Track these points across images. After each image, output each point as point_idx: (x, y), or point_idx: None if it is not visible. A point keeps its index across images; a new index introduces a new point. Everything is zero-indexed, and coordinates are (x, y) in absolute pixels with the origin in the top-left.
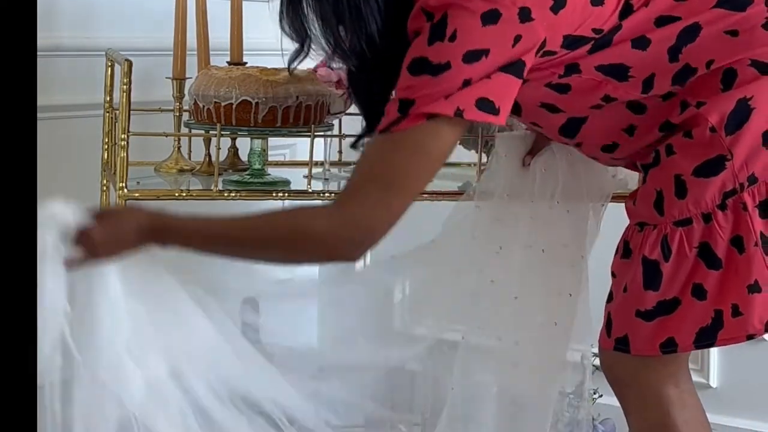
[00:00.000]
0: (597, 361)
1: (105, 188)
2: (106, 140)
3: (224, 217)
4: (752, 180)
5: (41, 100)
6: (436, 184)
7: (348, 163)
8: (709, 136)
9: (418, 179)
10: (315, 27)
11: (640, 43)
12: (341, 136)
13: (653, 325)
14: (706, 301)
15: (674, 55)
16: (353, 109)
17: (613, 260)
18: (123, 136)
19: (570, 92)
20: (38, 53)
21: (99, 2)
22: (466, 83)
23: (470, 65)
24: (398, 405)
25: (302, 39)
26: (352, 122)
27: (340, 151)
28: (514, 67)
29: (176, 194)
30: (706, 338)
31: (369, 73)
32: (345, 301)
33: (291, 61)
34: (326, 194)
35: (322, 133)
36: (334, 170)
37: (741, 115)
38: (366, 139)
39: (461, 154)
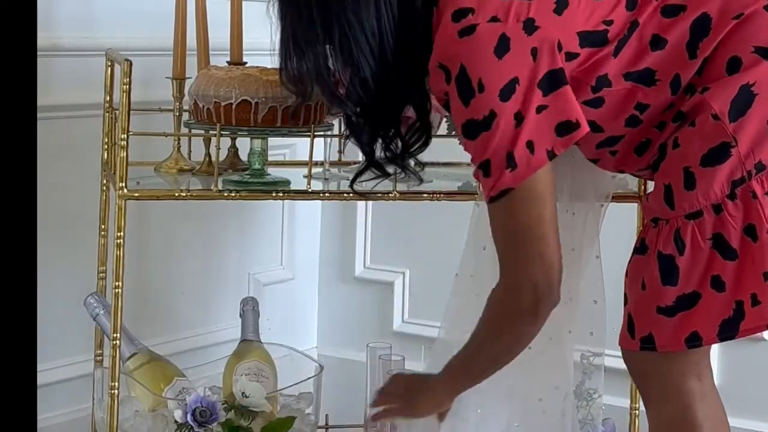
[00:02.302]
0: (597, 361)
1: (105, 188)
2: (106, 140)
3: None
4: (760, 167)
5: (41, 100)
6: (436, 185)
7: (348, 163)
8: (712, 123)
9: (547, 219)
10: (312, 77)
11: (658, 43)
12: (341, 136)
13: (676, 321)
14: (726, 293)
15: (693, 51)
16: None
17: (630, 259)
18: (123, 136)
19: (605, 106)
20: (38, 53)
21: (99, 2)
22: (518, 117)
23: (510, 100)
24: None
25: (303, 92)
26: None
27: (340, 151)
28: (554, 79)
29: (176, 194)
30: (729, 330)
31: (369, 116)
32: (345, 301)
33: (293, 112)
34: (326, 194)
35: (322, 133)
36: (334, 170)
37: (744, 100)
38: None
39: (461, 154)
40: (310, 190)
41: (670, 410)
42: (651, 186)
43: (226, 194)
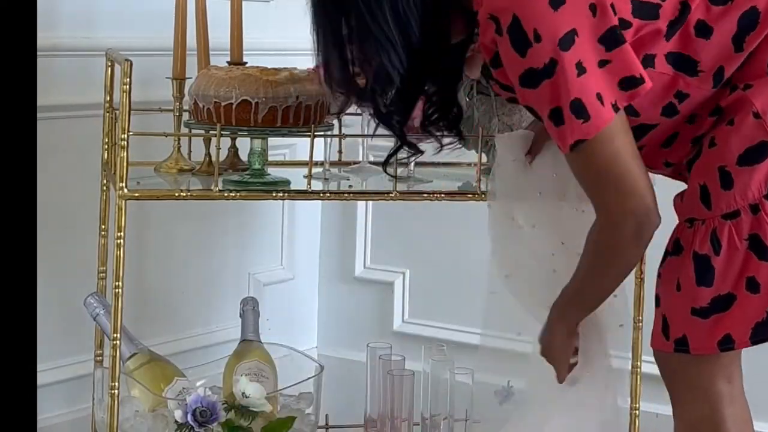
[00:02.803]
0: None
1: (105, 188)
2: (106, 140)
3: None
4: None
5: (41, 100)
6: (436, 185)
7: (348, 163)
8: (753, 122)
9: (628, 155)
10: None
11: (703, 31)
12: (341, 136)
13: (710, 323)
14: (760, 295)
15: (739, 44)
16: (353, 108)
17: (662, 261)
18: (123, 136)
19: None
20: (38, 53)
21: (99, 2)
22: (580, 67)
23: (570, 50)
24: (398, 405)
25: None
26: (352, 122)
27: (340, 151)
28: (615, 36)
29: (176, 194)
30: (762, 333)
31: (399, 100)
32: (345, 301)
33: (339, 112)
34: (326, 194)
35: (322, 133)
36: (334, 170)
37: None
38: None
39: (461, 154)
40: (310, 190)
41: (698, 411)
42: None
43: (226, 194)
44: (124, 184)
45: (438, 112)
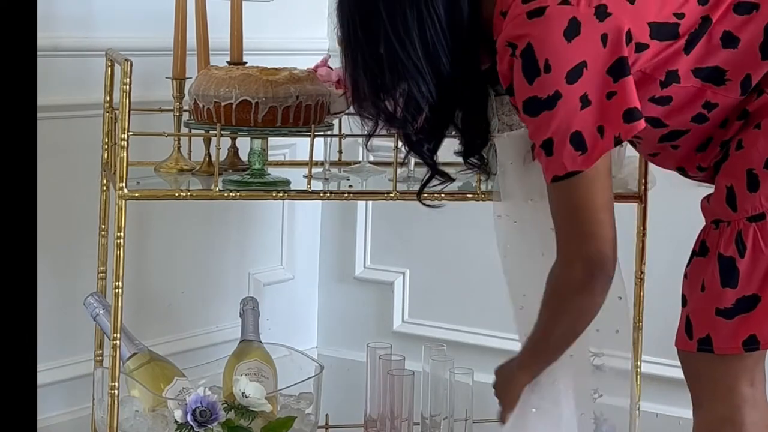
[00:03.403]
0: (597, 361)
1: (105, 188)
2: (106, 140)
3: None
4: None
5: (41, 100)
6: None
7: (348, 163)
8: None
9: (604, 200)
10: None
11: (730, 41)
12: (341, 136)
13: (734, 323)
14: None
15: (765, 52)
16: (353, 109)
17: (689, 261)
18: (123, 136)
19: (672, 104)
20: (38, 53)
21: (99, 2)
22: (584, 100)
23: (577, 83)
24: (398, 405)
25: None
26: (352, 122)
27: (340, 151)
28: (621, 67)
29: (176, 194)
30: None
31: (430, 128)
32: (345, 301)
33: (369, 136)
34: (326, 194)
35: (322, 133)
36: (334, 170)
37: None
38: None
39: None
40: (310, 190)
41: (720, 412)
42: (652, 187)
43: (226, 194)
44: (124, 184)
45: (466, 137)
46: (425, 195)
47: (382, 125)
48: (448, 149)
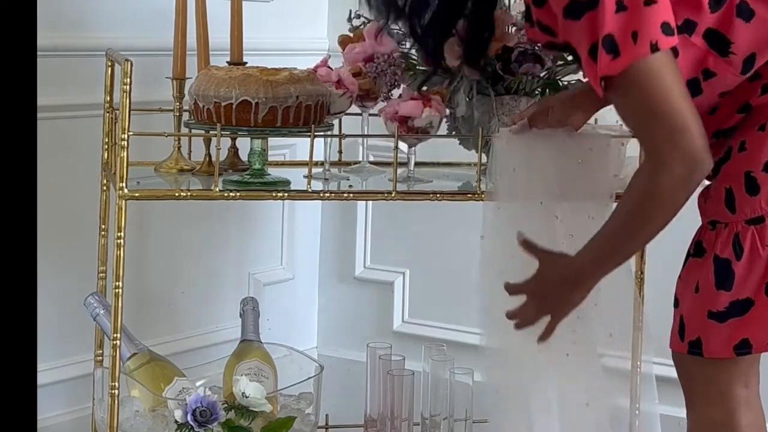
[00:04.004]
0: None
1: (105, 188)
2: (106, 140)
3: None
4: None
5: (41, 100)
6: (436, 185)
7: (348, 163)
8: None
9: (673, 93)
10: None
11: (744, 11)
12: (341, 136)
13: (726, 327)
14: None
15: None
16: (353, 109)
17: (685, 262)
18: (123, 136)
19: (677, 59)
20: (38, 53)
21: (99, 2)
22: (620, 4)
23: None
24: (398, 405)
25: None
26: (352, 122)
27: (340, 151)
28: None
29: (176, 194)
30: None
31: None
32: (345, 301)
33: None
34: (326, 194)
35: (322, 133)
36: (334, 170)
37: None
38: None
39: (461, 154)
40: (310, 190)
41: (714, 414)
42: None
43: (226, 194)
44: (124, 184)
45: (471, 35)
46: (426, 195)
47: (392, 19)
48: (448, 149)
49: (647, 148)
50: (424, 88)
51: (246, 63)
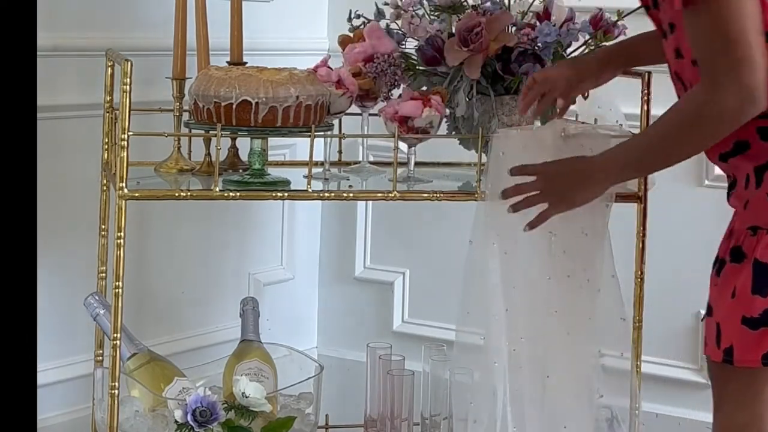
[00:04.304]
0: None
1: (105, 188)
2: (106, 140)
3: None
4: None
5: (41, 100)
6: (436, 185)
7: (348, 163)
8: None
9: (753, 29)
10: None
11: None
12: (341, 136)
13: (758, 335)
14: None
15: None
16: (353, 109)
17: (719, 269)
18: (123, 136)
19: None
20: (38, 53)
21: (99, 2)
22: None
23: None
24: (398, 405)
25: None
26: (352, 122)
27: (340, 151)
28: None
29: (176, 194)
30: None
31: None
32: (345, 301)
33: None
34: (326, 194)
35: (322, 133)
36: (334, 170)
37: None
38: None
39: (461, 154)
40: (310, 190)
41: (743, 418)
42: (652, 187)
43: (226, 194)
44: (124, 184)
45: None
46: (426, 195)
47: None
48: (449, 149)
49: (708, 71)
50: (424, 88)
51: (246, 63)
